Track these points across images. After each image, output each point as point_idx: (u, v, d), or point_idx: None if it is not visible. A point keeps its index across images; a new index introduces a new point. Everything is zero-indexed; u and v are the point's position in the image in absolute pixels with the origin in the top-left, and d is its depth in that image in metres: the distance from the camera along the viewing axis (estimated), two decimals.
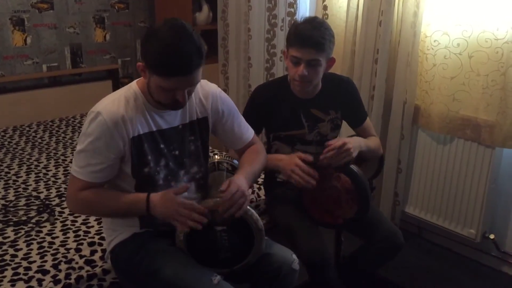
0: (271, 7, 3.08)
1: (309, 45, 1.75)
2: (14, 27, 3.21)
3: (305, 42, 1.75)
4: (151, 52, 1.39)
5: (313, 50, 1.76)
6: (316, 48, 1.76)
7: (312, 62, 1.78)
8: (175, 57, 1.36)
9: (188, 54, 1.37)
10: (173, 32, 1.37)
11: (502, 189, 2.43)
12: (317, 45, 1.75)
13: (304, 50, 1.76)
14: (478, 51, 2.27)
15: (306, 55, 1.77)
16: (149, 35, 1.41)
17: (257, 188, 2.25)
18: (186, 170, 1.63)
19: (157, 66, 1.39)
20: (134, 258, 1.54)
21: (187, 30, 1.38)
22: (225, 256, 1.56)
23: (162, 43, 1.36)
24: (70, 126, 3.23)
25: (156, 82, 1.42)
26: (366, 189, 1.78)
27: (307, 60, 1.77)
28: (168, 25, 1.39)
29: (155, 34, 1.39)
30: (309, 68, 1.79)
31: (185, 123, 1.60)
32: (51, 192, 2.28)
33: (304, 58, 1.77)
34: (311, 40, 1.75)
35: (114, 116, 1.45)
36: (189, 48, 1.36)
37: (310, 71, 1.80)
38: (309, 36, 1.75)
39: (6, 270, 1.68)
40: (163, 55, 1.36)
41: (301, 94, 1.92)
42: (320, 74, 1.85)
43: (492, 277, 2.48)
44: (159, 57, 1.37)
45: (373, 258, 1.93)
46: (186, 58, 1.37)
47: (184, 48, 1.36)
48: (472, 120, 2.36)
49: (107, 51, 3.67)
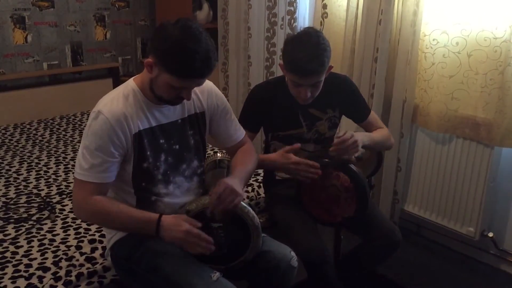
0: (271, 5, 3.08)
1: (311, 74, 1.74)
2: (15, 25, 3.21)
3: (305, 72, 1.73)
4: (169, 53, 1.39)
5: (313, 76, 1.75)
6: (317, 74, 1.75)
7: (315, 84, 1.79)
8: (197, 61, 1.37)
9: (208, 58, 1.39)
10: (191, 35, 1.38)
11: (500, 188, 2.44)
12: (318, 72, 1.74)
13: (306, 78, 1.76)
14: (477, 50, 2.28)
15: (308, 81, 1.77)
16: (165, 34, 1.40)
17: (257, 186, 2.26)
18: (187, 164, 1.64)
19: (173, 66, 1.39)
20: (133, 255, 1.55)
21: (203, 33, 1.41)
22: (222, 253, 1.57)
23: (182, 46, 1.37)
24: (71, 124, 3.24)
25: (167, 80, 1.43)
26: (364, 188, 1.79)
27: (309, 84, 1.78)
28: (184, 27, 1.39)
29: (172, 34, 1.38)
30: (312, 88, 1.80)
31: (184, 117, 1.62)
32: (51, 189, 2.29)
33: (305, 84, 1.78)
34: (310, 70, 1.72)
35: (115, 114, 1.46)
36: (208, 52, 1.39)
37: (313, 91, 1.81)
38: (308, 67, 1.71)
39: (7, 267, 1.68)
40: (184, 58, 1.37)
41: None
42: (321, 87, 1.85)
43: (490, 275, 2.49)
44: (179, 59, 1.38)
45: (372, 256, 1.94)
46: (206, 62, 1.39)
47: (204, 53, 1.38)
48: (470, 119, 2.37)
49: (108, 49, 3.68)
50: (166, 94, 1.48)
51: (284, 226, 1.91)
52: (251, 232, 1.54)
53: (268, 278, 1.61)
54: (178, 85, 1.43)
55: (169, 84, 1.43)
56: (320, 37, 1.76)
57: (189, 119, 1.63)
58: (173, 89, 1.45)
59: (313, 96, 1.84)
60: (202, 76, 1.43)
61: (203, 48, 1.38)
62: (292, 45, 1.76)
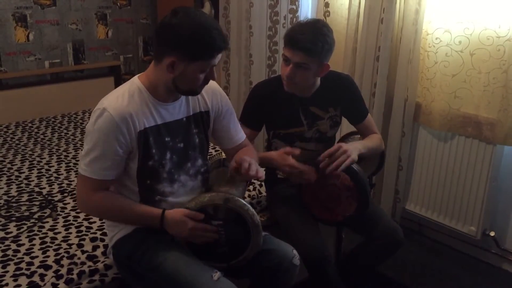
0: (273, 4, 3.08)
1: (298, 48, 1.74)
2: (17, 23, 3.22)
3: (294, 44, 1.75)
4: (193, 41, 1.40)
5: (302, 54, 1.74)
6: (304, 52, 1.74)
7: (300, 65, 1.77)
8: (217, 34, 1.42)
9: (220, 28, 1.45)
10: (198, 16, 1.42)
11: (502, 187, 2.44)
12: (306, 49, 1.74)
13: (294, 52, 1.76)
14: (480, 49, 2.27)
15: (295, 57, 1.76)
16: (177, 28, 1.40)
17: (259, 185, 2.26)
18: (191, 163, 1.64)
19: (204, 50, 1.42)
20: (135, 253, 1.55)
21: (200, 11, 1.47)
22: (222, 251, 1.57)
23: (199, 29, 1.40)
24: (72, 122, 3.24)
25: (198, 68, 1.45)
26: (365, 187, 1.78)
27: (295, 62, 1.77)
28: (184, 12, 1.42)
29: (183, 24, 1.40)
30: (297, 70, 1.79)
31: (189, 116, 1.61)
32: (53, 188, 2.29)
33: (293, 60, 1.77)
34: (300, 44, 1.73)
35: (120, 112, 1.46)
36: (216, 24, 1.45)
37: (297, 73, 1.79)
38: (300, 39, 1.73)
39: (9, 265, 1.69)
40: (207, 38, 1.41)
41: (299, 92, 1.92)
42: (309, 78, 1.84)
43: (492, 274, 2.49)
44: (204, 41, 1.41)
45: (373, 255, 1.94)
46: (221, 32, 1.44)
47: (216, 24, 1.44)
48: (473, 118, 2.37)
49: (109, 48, 3.68)
50: (196, 83, 1.50)
51: (285, 225, 1.91)
52: (251, 230, 1.54)
53: (270, 276, 1.61)
54: (208, 67, 1.47)
55: (200, 70, 1.46)
56: (325, 27, 1.79)
57: (194, 118, 1.63)
58: (202, 74, 1.48)
59: (296, 81, 1.82)
60: (226, 46, 1.47)
61: (212, 22, 1.44)
62: (298, 23, 1.84)
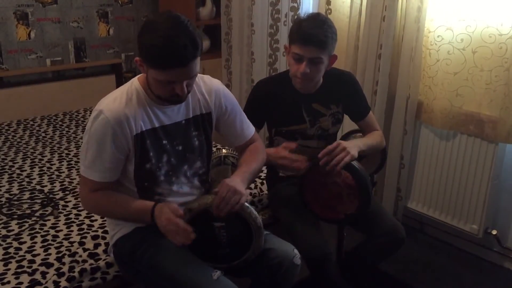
0: (275, 2, 3.07)
1: (312, 43, 1.75)
2: (18, 21, 3.21)
3: (307, 40, 1.75)
4: (146, 46, 1.38)
5: (315, 48, 1.76)
6: (318, 46, 1.76)
7: (314, 60, 1.78)
8: (170, 48, 1.34)
9: (183, 46, 1.34)
10: (168, 24, 1.36)
11: (504, 185, 2.43)
12: (319, 43, 1.75)
13: (307, 48, 1.76)
14: (482, 47, 2.27)
15: (309, 53, 1.77)
16: (144, 28, 1.40)
17: (260, 183, 2.26)
18: (189, 165, 1.63)
19: (153, 59, 1.38)
20: (136, 251, 1.55)
21: (182, 22, 1.37)
22: (224, 252, 1.57)
23: (156, 36, 1.35)
24: (74, 120, 3.24)
25: (154, 76, 1.42)
26: (367, 185, 1.78)
27: (309, 58, 1.77)
28: (162, 18, 1.39)
29: (150, 27, 1.38)
30: (311, 65, 1.79)
31: (189, 118, 1.60)
32: (55, 186, 2.30)
33: (306, 56, 1.77)
34: (314, 38, 1.74)
35: (117, 115, 1.45)
36: (184, 40, 1.35)
37: (312, 69, 1.80)
38: (312, 34, 1.74)
39: (10, 263, 1.69)
40: (158, 48, 1.35)
41: (302, 89, 1.92)
42: (322, 71, 1.85)
43: (494, 273, 2.48)
44: (154, 50, 1.36)
45: (375, 253, 1.94)
46: (181, 50, 1.35)
47: (179, 40, 1.34)
48: (475, 116, 2.36)
49: (111, 46, 3.67)
50: (160, 92, 1.46)
51: (286, 223, 1.91)
52: (253, 232, 1.54)
53: (271, 275, 1.60)
54: (163, 78, 1.40)
55: (157, 79, 1.42)
56: (328, 19, 1.83)
57: (194, 120, 1.61)
58: (163, 85, 1.43)
59: (312, 77, 1.83)
60: (180, 66, 1.37)
61: (178, 36, 1.34)
62: (300, 19, 1.84)
